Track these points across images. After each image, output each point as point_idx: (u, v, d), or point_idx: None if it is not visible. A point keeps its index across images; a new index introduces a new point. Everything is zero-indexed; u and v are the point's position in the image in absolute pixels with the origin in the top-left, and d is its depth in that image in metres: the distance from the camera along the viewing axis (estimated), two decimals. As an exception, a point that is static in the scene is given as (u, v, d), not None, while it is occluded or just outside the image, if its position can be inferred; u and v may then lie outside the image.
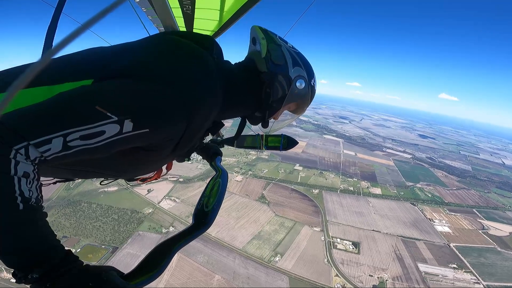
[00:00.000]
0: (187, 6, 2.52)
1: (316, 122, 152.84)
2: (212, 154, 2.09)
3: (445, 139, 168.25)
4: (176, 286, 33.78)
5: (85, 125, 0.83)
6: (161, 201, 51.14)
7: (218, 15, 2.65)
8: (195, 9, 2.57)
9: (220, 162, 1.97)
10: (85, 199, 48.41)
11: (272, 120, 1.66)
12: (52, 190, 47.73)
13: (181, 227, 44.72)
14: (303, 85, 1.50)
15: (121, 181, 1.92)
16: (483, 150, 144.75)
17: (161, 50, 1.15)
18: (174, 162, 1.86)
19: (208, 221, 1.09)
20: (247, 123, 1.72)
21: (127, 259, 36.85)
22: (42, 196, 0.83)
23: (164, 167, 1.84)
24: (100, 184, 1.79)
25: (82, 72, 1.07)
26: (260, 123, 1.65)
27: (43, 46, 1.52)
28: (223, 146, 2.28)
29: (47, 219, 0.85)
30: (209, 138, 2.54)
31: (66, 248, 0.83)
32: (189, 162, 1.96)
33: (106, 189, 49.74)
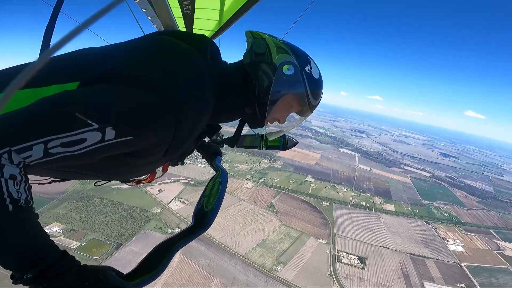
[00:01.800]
0: (187, 6, 2.52)
1: (332, 135, 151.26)
2: (212, 154, 2.04)
3: (468, 158, 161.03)
4: (174, 287, 34.36)
5: (65, 133, 0.81)
6: (170, 201, 52.22)
7: (218, 15, 2.66)
8: (195, 9, 2.57)
9: (220, 162, 1.92)
10: (98, 194, 50.00)
11: (276, 124, 1.56)
12: (68, 184, 49.65)
13: (186, 229, 45.61)
14: (292, 71, 1.33)
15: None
16: (507, 172, 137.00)
17: (147, 54, 1.12)
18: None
19: (208, 221, 1.08)
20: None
21: (129, 256, 37.69)
22: (31, 197, 0.82)
23: (160, 169, 1.82)
24: (94, 185, 1.85)
25: (69, 75, 1.06)
26: (257, 126, 1.55)
27: (41, 45, 1.51)
28: (223, 146, 2.23)
29: (40, 220, 0.85)
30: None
31: (61, 249, 0.83)
32: (183, 165, 1.95)
33: (119, 186, 50.74)
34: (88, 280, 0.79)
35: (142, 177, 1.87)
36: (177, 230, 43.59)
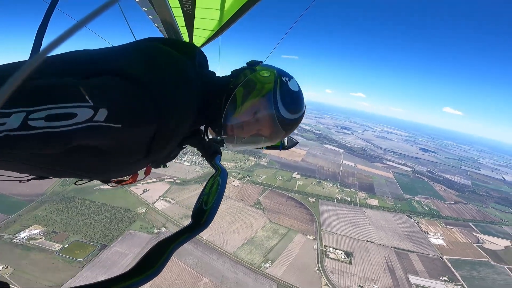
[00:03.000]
0: (187, 6, 2.51)
1: (318, 131, 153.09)
2: (212, 153, 1.97)
3: (447, 153, 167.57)
4: (162, 287, 33.76)
5: (58, 103, 0.78)
6: (155, 201, 51.29)
7: (218, 15, 2.65)
8: (196, 9, 2.57)
9: (220, 161, 1.88)
10: (80, 196, 48.53)
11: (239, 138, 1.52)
12: (47, 185, 48.22)
13: (173, 229, 44.80)
14: (268, 74, 1.41)
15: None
16: (484, 166, 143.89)
17: (143, 55, 1.18)
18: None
19: (207, 220, 1.07)
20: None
21: (114, 257, 36.90)
22: None
23: (143, 172, 1.83)
24: (75, 184, 1.81)
25: (68, 72, 1.05)
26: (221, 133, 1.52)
27: (33, 43, 1.49)
28: (223, 145, 2.15)
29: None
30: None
31: None
32: (166, 167, 1.92)
33: (101, 187, 49.57)
34: None
35: (123, 178, 1.85)
36: (163, 230, 43.22)
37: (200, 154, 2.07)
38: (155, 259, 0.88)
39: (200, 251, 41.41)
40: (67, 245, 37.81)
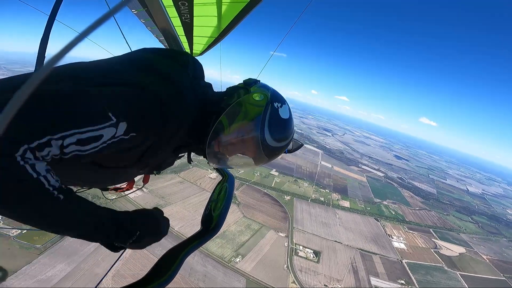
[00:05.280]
0: (185, 15, 2.52)
1: (299, 131, 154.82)
2: None
3: (418, 162, 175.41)
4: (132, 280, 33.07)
5: (86, 127, 0.79)
6: (127, 189, 49.72)
7: (216, 22, 2.64)
8: (193, 17, 2.56)
9: None
10: None
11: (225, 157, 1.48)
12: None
13: (144, 218, 43.93)
14: (261, 98, 1.36)
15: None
16: (451, 176, 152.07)
17: (144, 66, 1.19)
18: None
19: (217, 226, 1.11)
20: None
21: (76, 244, 35.41)
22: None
23: (141, 180, 1.87)
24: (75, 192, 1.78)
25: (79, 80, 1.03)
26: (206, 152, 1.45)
27: (37, 54, 1.49)
28: None
29: None
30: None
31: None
32: (159, 174, 1.83)
33: None
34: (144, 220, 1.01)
35: (120, 185, 1.84)
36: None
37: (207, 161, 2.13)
38: (167, 266, 0.95)
39: (170, 242, 39.83)
40: (25, 231, 35.29)
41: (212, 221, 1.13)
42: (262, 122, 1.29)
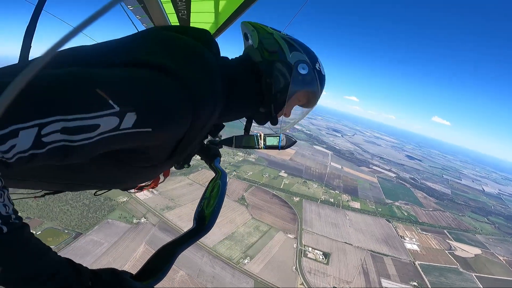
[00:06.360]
0: (182, 12, 2.46)
1: (308, 132, 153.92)
2: (211, 156, 2.02)
3: (432, 162, 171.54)
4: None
5: (76, 114, 0.61)
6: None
7: (213, 18, 2.61)
8: (191, 13, 2.53)
9: (219, 164, 1.92)
10: None
11: (282, 117, 1.53)
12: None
13: (153, 219, 44.60)
14: (306, 70, 1.34)
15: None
16: (466, 176, 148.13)
17: (163, 44, 1.04)
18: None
19: (209, 224, 1.09)
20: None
21: (88, 245, 36.31)
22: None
23: (161, 174, 1.73)
24: (94, 195, 1.66)
25: (83, 63, 0.91)
26: (269, 122, 1.50)
27: (21, 45, 1.37)
28: (222, 147, 2.22)
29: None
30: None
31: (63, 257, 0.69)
32: (189, 167, 1.83)
33: None
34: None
35: (144, 183, 1.77)
36: (143, 220, 42.76)
37: (200, 157, 2.13)
38: (160, 263, 0.90)
39: None
40: (40, 232, 36.65)
41: (204, 219, 1.11)
42: (318, 90, 1.42)
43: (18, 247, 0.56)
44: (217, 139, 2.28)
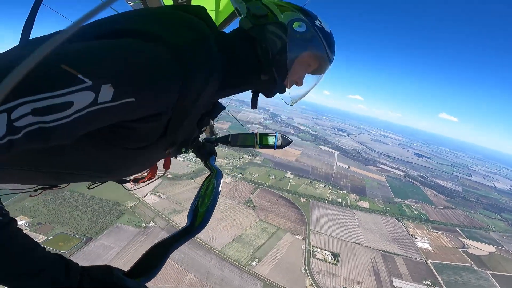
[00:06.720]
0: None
1: (314, 132, 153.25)
2: (206, 154, 1.95)
3: (440, 159, 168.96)
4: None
5: (43, 93, 0.57)
6: (146, 195, 50.89)
7: (214, 16, 2.56)
8: None
9: (215, 162, 1.88)
10: (68, 187, 47.14)
11: (294, 86, 1.44)
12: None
13: (161, 223, 44.83)
14: (304, 27, 1.22)
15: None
16: (476, 173, 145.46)
17: (156, 15, 1.02)
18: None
19: (203, 222, 1.07)
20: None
21: (99, 250, 36.66)
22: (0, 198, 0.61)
23: (162, 166, 1.65)
24: (88, 188, 1.62)
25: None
26: (278, 92, 1.39)
27: (20, 39, 1.32)
28: (218, 145, 2.17)
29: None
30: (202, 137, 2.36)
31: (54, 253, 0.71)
32: (187, 153, 1.72)
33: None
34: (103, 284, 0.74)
35: (140, 174, 1.69)
36: (151, 224, 43.01)
37: (195, 155, 2.05)
38: (153, 260, 0.89)
39: (187, 246, 41.32)
40: (51, 237, 37.37)
41: (198, 217, 1.08)
42: (324, 48, 1.29)
43: (2, 244, 0.55)
44: (213, 137, 2.28)
